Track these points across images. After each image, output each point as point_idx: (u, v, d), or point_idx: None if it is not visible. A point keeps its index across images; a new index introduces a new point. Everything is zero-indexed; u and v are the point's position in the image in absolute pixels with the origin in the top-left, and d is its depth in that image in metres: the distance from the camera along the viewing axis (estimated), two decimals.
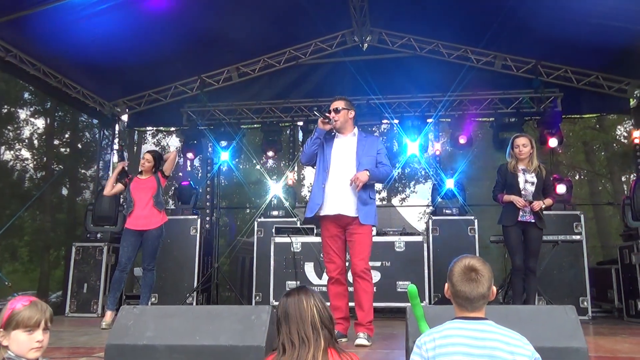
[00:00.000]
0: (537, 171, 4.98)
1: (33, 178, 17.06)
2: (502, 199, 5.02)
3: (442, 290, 6.35)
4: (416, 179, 21.15)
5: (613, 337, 4.60)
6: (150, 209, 5.44)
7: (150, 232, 5.39)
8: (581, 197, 16.00)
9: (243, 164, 19.83)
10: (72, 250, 7.02)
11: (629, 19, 6.28)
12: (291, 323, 1.83)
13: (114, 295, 5.36)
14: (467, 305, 1.86)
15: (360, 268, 3.97)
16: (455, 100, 8.32)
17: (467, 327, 1.81)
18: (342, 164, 4.09)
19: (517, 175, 4.98)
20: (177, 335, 2.46)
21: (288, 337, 1.80)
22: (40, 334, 2.01)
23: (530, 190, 4.93)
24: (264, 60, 8.64)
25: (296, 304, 1.86)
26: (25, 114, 17.44)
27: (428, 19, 7.68)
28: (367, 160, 4.07)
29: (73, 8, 6.11)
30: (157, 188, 5.54)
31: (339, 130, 4.18)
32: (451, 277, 1.90)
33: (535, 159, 5.02)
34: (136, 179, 5.60)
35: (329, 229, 4.10)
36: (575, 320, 2.26)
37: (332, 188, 4.05)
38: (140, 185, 5.54)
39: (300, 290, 1.93)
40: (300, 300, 1.86)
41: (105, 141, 9.16)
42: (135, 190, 5.51)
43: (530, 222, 4.90)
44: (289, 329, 1.81)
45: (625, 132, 16.24)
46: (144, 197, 5.46)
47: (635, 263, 6.08)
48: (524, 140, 5.01)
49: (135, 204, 5.45)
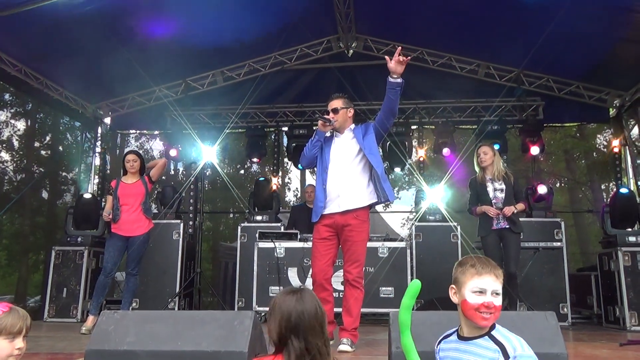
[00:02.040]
0: (505, 178, 5.11)
1: (12, 181, 16.79)
2: (476, 212, 5.14)
3: (425, 296, 6.39)
4: (400, 185, 21.30)
5: (592, 342, 4.67)
6: (138, 214, 5.35)
7: (137, 237, 5.31)
8: (562, 205, 16.27)
9: (227, 169, 19.76)
10: (51, 254, 6.91)
11: (607, 30, 6.41)
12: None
13: (98, 301, 5.25)
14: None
15: (354, 276, 3.86)
16: (439, 107, 8.40)
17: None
18: (341, 162, 3.98)
19: (486, 185, 5.15)
20: (158, 340, 2.44)
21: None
22: (21, 341, 1.99)
23: (500, 198, 5.08)
24: (250, 64, 8.63)
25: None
26: (6, 115, 17.17)
27: (413, 27, 7.75)
28: (368, 140, 3.99)
29: (56, 9, 6.04)
30: (145, 194, 5.43)
31: (338, 130, 4.10)
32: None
33: (499, 165, 5.16)
34: (122, 184, 5.46)
35: (320, 232, 3.98)
36: (556, 326, 2.28)
37: (333, 187, 3.94)
38: (128, 190, 5.42)
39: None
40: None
41: (88, 144, 9.06)
42: (123, 196, 5.38)
43: (506, 228, 5.03)
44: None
45: (605, 140, 16.54)
46: (132, 203, 5.36)
47: (614, 270, 6.18)
48: (484, 149, 5.23)
49: (123, 209, 5.34)
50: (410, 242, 6.60)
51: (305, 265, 6.19)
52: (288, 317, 1.70)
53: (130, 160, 5.48)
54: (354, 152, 3.99)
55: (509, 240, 5.05)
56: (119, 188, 5.43)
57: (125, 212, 5.34)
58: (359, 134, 4.03)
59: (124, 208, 5.34)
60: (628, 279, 6.02)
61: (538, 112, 8.26)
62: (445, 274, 7.21)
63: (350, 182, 3.93)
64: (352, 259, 3.89)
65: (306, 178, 19.61)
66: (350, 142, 4.04)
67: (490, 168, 5.17)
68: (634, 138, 9.01)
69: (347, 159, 3.97)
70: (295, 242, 6.36)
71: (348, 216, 3.90)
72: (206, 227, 17.53)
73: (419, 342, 1.96)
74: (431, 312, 2.58)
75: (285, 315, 1.71)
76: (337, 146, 4.06)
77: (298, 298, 1.75)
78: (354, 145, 4.01)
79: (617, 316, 6.07)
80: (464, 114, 8.44)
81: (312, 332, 1.70)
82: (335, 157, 4.01)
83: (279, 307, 1.74)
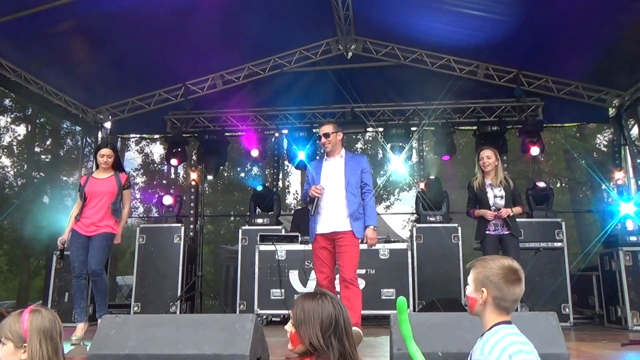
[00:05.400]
0: (505, 184, 5.08)
1: (13, 185, 16.81)
2: (474, 215, 5.15)
3: (427, 297, 6.38)
4: (400, 187, 21.30)
5: (594, 342, 4.66)
6: (104, 214, 4.75)
7: (97, 236, 4.70)
8: (562, 205, 16.25)
9: (227, 172, 19.77)
10: (53, 258, 6.92)
11: (606, 29, 6.42)
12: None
13: (80, 306, 4.71)
14: (510, 308, 1.81)
15: (350, 276, 4.25)
16: (438, 108, 8.41)
17: (518, 332, 1.79)
18: (332, 184, 4.42)
19: (486, 191, 5.11)
20: (160, 344, 2.44)
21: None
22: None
23: (500, 204, 5.06)
24: (249, 68, 8.64)
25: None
26: (6, 120, 17.21)
27: (412, 29, 7.75)
28: (354, 180, 4.42)
29: (55, 14, 6.05)
30: (117, 192, 4.83)
31: (329, 153, 4.53)
32: (494, 281, 1.81)
33: (501, 172, 5.14)
34: (92, 179, 4.86)
35: (318, 242, 4.43)
36: (557, 326, 2.29)
37: (325, 208, 4.40)
38: (97, 185, 4.81)
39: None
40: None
41: (88, 148, 9.06)
42: (91, 191, 4.77)
43: (504, 233, 5.02)
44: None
45: (604, 140, 16.55)
46: (99, 199, 4.76)
47: (615, 270, 6.18)
48: (488, 153, 5.15)
49: (87, 204, 4.73)
50: (411, 244, 6.59)
51: (306, 267, 6.19)
52: (329, 320, 1.71)
53: (105, 155, 4.86)
54: (340, 182, 4.43)
55: (508, 243, 5.05)
56: (87, 184, 4.82)
57: (89, 208, 4.74)
58: (349, 167, 4.46)
59: (89, 204, 4.74)
60: (629, 279, 6.01)
61: (537, 113, 8.26)
62: (446, 275, 7.22)
63: (335, 207, 4.39)
64: (347, 262, 4.30)
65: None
66: (338, 170, 4.47)
67: (491, 173, 5.14)
68: (633, 138, 9.00)
69: (333, 186, 4.43)
70: (296, 244, 6.36)
71: (339, 232, 4.36)
72: (207, 231, 17.55)
73: (421, 344, 1.97)
74: (432, 313, 2.59)
75: (327, 319, 1.71)
76: (328, 170, 4.50)
77: (329, 301, 1.77)
78: (340, 176, 4.45)
79: (619, 316, 6.06)
80: (464, 115, 8.45)
81: (346, 333, 1.74)
82: (325, 181, 4.46)
83: (314, 311, 1.73)
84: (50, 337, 1.98)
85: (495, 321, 1.81)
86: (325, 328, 1.71)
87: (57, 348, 2.01)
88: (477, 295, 1.84)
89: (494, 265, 1.83)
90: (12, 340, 1.97)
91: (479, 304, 1.85)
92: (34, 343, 1.95)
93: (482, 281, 1.84)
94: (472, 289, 1.88)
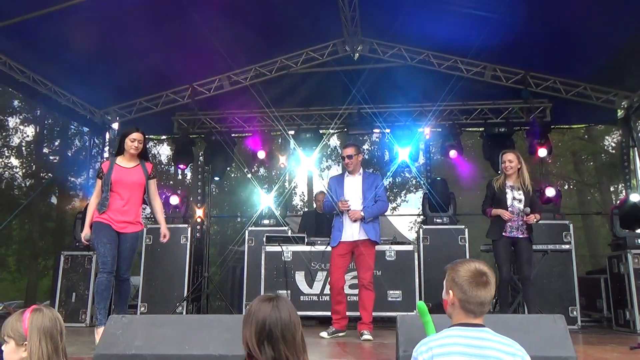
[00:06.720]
0: (525, 189, 5.03)
1: (22, 186, 16.93)
2: (490, 213, 5.10)
3: (433, 299, 6.35)
4: (407, 188, 21.23)
5: (602, 346, 4.63)
6: (138, 211, 4.50)
7: (129, 235, 4.42)
8: (570, 207, 16.15)
9: (234, 173, 19.80)
10: (60, 259, 6.95)
11: (614, 30, 6.38)
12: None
13: (105, 307, 4.30)
14: (476, 311, 1.83)
15: (367, 280, 4.90)
16: (445, 110, 8.38)
17: (467, 334, 1.79)
18: (353, 199, 5.05)
19: (506, 192, 5.06)
20: (166, 344, 2.45)
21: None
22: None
23: (517, 207, 5.00)
24: (256, 69, 8.66)
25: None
26: (15, 121, 17.34)
27: (418, 30, 7.73)
28: (370, 195, 5.03)
29: (63, 16, 6.09)
30: (145, 184, 4.53)
31: (351, 172, 5.17)
32: (458, 283, 1.85)
33: (527, 178, 5.07)
34: (117, 167, 4.47)
35: (339, 250, 5.02)
36: (564, 329, 2.27)
37: (348, 219, 5.01)
38: (125, 175, 4.45)
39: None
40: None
41: (96, 149, 9.11)
42: (119, 181, 4.41)
43: (520, 237, 4.98)
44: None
45: (613, 142, 16.43)
46: (130, 192, 4.44)
47: (623, 272, 6.13)
48: (510, 156, 5.12)
49: (114, 195, 4.38)
50: (417, 246, 6.57)
51: (312, 269, 6.19)
52: (263, 324, 1.70)
53: (137, 139, 4.46)
54: (358, 197, 5.06)
55: (521, 245, 5.02)
56: (113, 172, 4.43)
57: (120, 200, 4.38)
58: (366, 185, 5.09)
59: (119, 198, 4.38)
60: (638, 282, 5.96)
61: (545, 114, 8.23)
62: None
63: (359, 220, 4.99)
64: (365, 267, 4.93)
65: (313, 182, 19.62)
66: (358, 186, 5.12)
67: (513, 176, 5.11)
68: None
69: (356, 200, 5.06)
70: (302, 245, 6.35)
71: (359, 241, 4.98)
72: (214, 231, 17.58)
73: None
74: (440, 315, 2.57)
75: (260, 323, 1.70)
76: (350, 186, 5.15)
77: (274, 305, 1.73)
78: (359, 192, 5.09)
79: (627, 319, 6.01)
80: (471, 116, 8.42)
81: (283, 341, 1.69)
82: (348, 195, 5.07)
83: (254, 314, 1.73)
84: (50, 336, 2.01)
85: (458, 322, 1.86)
86: (258, 332, 1.70)
87: (58, 347, 2.03)
88: (447, 297, 1.92)
89: (461, 268, 1.88)
90: (14, 338, 2.00)
91: (449, 305, 1.91)
92: (33, 341, 1.98)
93: (449, 283, 1.90)
94: (444, 291, 1.96)
